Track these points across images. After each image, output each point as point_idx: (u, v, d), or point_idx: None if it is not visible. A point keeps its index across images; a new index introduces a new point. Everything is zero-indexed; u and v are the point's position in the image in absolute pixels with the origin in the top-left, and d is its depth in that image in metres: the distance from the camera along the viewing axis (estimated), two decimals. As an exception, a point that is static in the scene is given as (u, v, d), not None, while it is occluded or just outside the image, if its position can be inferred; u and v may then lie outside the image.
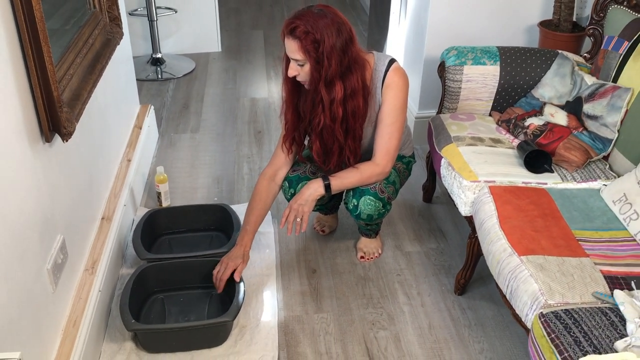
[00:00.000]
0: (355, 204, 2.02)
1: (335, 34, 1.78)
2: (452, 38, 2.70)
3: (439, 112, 2.42)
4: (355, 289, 2.14)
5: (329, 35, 1.76)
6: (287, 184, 2.10)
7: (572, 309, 1.44)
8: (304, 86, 1.94)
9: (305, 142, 2.11)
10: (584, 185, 1.93)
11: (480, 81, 2.29)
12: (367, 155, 2.08)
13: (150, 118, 2.95)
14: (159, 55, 3.99)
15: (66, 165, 1.74)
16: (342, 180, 1.99)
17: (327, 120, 1.89)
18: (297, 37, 1.77)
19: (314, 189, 1.97)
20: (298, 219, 1.98)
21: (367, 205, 2.00)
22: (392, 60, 1.97)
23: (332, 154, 2.00)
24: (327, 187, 1.97)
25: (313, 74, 1.82)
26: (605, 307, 1.44)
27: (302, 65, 1.83)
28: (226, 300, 1.98)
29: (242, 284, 1.94)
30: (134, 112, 2.80)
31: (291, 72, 1.85)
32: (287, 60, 1.87)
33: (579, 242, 1.66)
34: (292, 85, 1.94)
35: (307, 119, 1.97)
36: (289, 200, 2.11)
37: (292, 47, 1.79)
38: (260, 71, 3.95)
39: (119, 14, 2.29)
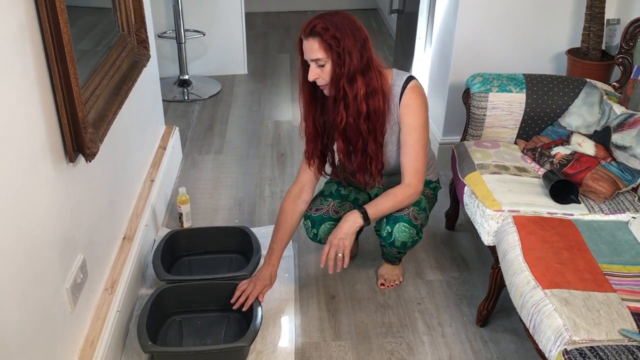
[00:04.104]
0: (389, 231, 1.97)
1: (353, 30, 1.78)
2: (478, 65, 2.68)
3: (463, 139, 2.39)
4: (374, 316, 2.10)
5: (347, 31, 1.76)
6: (309, 224, 2.08)
7: (598, 347, 1.39)
8: (321, 97, 1.92)
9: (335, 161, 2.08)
10: (611, 217, 1.88)
11: (506, 108, 2.27)
12: (394, 178, 2.06)
13: (175, 139, 2.98)
14: (186, 77, 4.05)
15: (89, 185, 1.76)
16: (377, 206, 1.95)
17: (350, 117, 1.85)
18: (317, 34, 1.76)
19: (353, 221, 1.92)
20: (339, 255, 1.92)
21: (401, 232, 1.96)
22: (410, 78, 1.94)
23: (356, 152, 1.95)
24: (364, 216, 1.92)
25: (335, 70, 1.79)
26: (632, 346, 1.38)
27: (322, 66, 1.80)
28: (243, 324, 1.97)
29: (259, 308, 1.92)
30: (159, 133, 2.83)
31: (312, 76, 1.82)
32: (304, 69, 1.86)
33: (606, 277, 1.61)
34: (310, 96, 1.93)
35: (329, 122, 1.94)
36: (311, 239, 2.09)
37: (313, 47, 1.77)
38: (285, 94, 3.97)
39: (147, 36, 2.32)
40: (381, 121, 1.91)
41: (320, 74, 1.82)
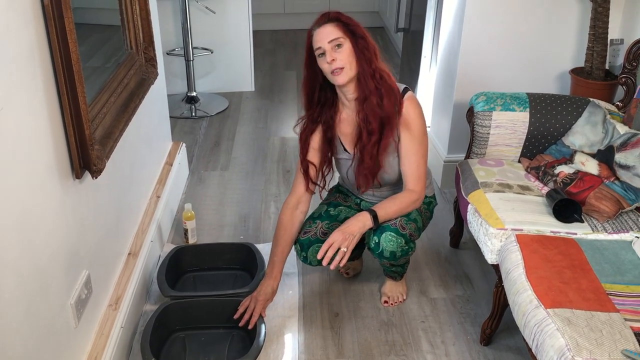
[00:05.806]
0: (377, 241, 1.97)
1: (363, 30, 1.88)
2: (482, 84, 2.70)
3: (467, 157, 2.40)
4: (377, 334, 2.10)
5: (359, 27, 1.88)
6: (299, 247, 2.09)
7: (600, 367, 1.38)
8: (321, 104, 1.99)
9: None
10: (615, 236, 1.88)
11: (510, 127, 2.28)
12: (394, 189, 2.10)
13: (182, 155, 3.00)
14: (193, 94, 4.09)
15: (95, 201, 1.78)
16: (385, 209, 1.97)
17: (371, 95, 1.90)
18: (333, 20, 1.85)
19: (363, 223, 1.94)
20: (343, 249, 1.89)
21: (388, 241, 1.96)
22: (405, 90, 1.97)
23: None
24: (375, 219, 1.95)
25: (354, 48, 1.85)
26: (636, 367, 1.38)
27: (339, 46, 1.84)
28: (247, 341, 1.97)
29: (263, 325, 1.93)
30: (165, 149, 2.85)
31: (330, 57, 1.82)
32: (310, 62, 1.91)
33: (609, 296, 1.60)
34: (310, 92, 1.99)
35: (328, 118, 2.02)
36: (302, 261, 2.11)
37: (328, 30, 1.84)
38: (291, 111, 4.00)
39: (155, 54, 2.35)
40: (387, 125, 1.93)
41: (336, 56, 1.84)
